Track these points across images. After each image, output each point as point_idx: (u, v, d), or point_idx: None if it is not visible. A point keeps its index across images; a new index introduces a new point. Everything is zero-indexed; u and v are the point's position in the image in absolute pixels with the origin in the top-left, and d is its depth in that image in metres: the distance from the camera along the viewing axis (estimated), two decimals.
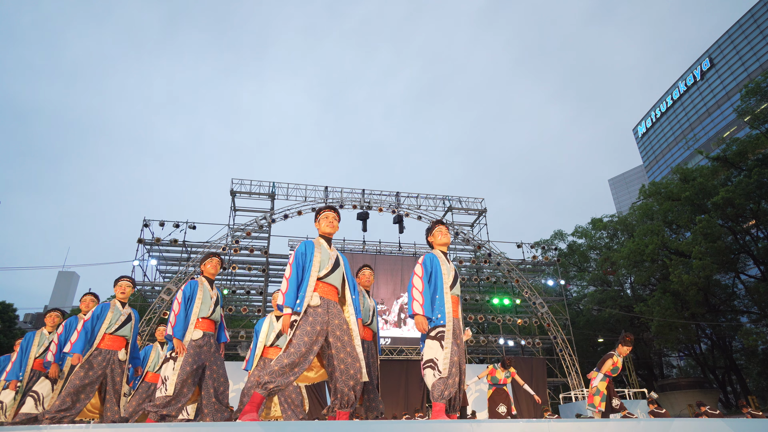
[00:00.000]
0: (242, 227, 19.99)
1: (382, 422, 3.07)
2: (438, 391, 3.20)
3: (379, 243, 21.79)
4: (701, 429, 3.00)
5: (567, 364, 20.21)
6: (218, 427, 2.62)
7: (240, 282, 22.80)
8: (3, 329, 24.09)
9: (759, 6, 51.15)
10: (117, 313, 4.68)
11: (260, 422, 2.61)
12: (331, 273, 3.47)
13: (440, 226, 3.87)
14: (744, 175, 23.64)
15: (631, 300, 30.18)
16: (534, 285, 22.99)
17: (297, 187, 21.59)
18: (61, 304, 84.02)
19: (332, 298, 3.41)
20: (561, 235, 35.88)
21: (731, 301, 27.21)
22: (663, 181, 32.83)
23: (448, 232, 3.90)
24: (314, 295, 3.30)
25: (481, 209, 23.30)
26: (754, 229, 24.99)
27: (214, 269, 4.40)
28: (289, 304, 3.26)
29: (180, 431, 2.75)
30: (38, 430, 2.78)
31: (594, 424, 2.84)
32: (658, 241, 25.08)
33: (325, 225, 3.67)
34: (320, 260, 3.46)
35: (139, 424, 3.36)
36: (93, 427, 3.09)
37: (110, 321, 4.60)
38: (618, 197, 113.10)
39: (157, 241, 19.10)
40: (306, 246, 3.53)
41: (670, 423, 2.81)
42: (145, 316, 17.91)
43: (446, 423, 2.71)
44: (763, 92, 25.20)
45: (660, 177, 55.19)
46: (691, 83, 60.98)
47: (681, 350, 30.61)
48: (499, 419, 5.52)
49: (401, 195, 22.52)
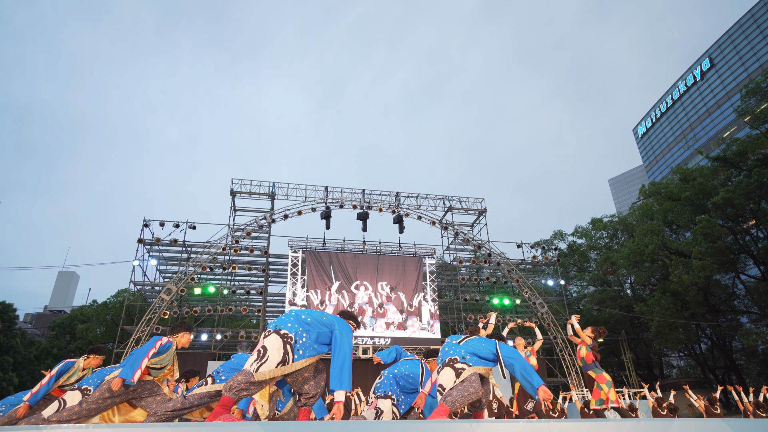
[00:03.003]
0: (242, 227, 19.99)
1: (382, 422, 3.07)
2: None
3: (379, 243, 21.80)
4: (701, 429, 2.99)
5: (567, 364, 20.22)
6: (218, 427, 2.62)
7: (240, 282, 22.80)
8: (3, 329, 24.08)
9: (759, 6, 51.15)
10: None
11: (260, 422, 2.61)
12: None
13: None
14: (744, 175, 23.65)
15: (631, 300, 30.19)
16: (534, 285, 23.00)
17: (297, 187, 21.60)
18: (61, 304, 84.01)
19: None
20: (561, 235, 35.90)
21: (731, 301, 27.22)
22: (663, 181, 32.85)
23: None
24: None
25: (481, 209, 23.31)
26: (754, 229, 25.00)
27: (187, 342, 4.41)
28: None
29: (180, 431, 2.75)
30: (38, 430, 2.77)
31: (594, 424, 2.84)
32: (658, 241, 25.08)
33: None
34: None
35: (140, 424, 3.36)
36: (93, 427, 3.09)
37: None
38: (618, 197, 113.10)
39: (157, 241, 19.10)
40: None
41: (670, 423, 2.81)
42: (145, 316, 17.91)
43: (446, 423, 2.71)
44: (763, 92, 25.22)
45: (660, 177, 55.20)
46: (691, 83, 60.98)
47: (681, 350, 30.62)
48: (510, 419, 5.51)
49: (401, 195, 22.53)
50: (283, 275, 21.35)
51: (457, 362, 3.68)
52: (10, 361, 23.65)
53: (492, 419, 4.87)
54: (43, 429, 2.77)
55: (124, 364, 3.87)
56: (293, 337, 3.23)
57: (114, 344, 20.64)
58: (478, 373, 3.67)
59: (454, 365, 3.67)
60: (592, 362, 6.17)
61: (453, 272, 23.73)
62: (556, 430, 2.61)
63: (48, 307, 76.05)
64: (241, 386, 3.03)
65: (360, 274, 20.40)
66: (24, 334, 27.34)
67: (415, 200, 22.56)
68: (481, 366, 3.70)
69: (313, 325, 3.36)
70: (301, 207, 20.81)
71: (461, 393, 3.44)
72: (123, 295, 25.85)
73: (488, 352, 3.75)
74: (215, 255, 19.39)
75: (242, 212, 21.71)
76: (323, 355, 3.43)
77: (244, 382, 3.04)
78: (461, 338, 4.01)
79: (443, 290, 25.45)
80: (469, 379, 3.56)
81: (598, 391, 6.04)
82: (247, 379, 3.05)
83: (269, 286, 21.74)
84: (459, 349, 3.82)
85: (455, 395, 3.42)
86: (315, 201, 21.17)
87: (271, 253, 20.73)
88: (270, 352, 3.15)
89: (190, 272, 18.83)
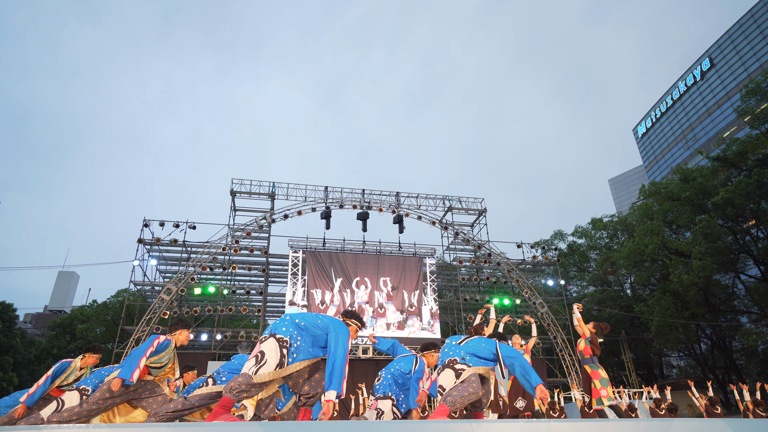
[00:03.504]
0: (242, 227, 19.98)
1: (382, 422, 3.07)
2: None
3: (379, 243, 21.80)
4: (701, 429, 3.00)
5: (567, 364, 20.21)
6: (218, 427, 2.63)
7: (240, 282, 22.80)
8: (3, 329, 24.08)
9: (759, 6, 51.13)
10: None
11: (261, 422, 2.61)
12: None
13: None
14: (744, 175, 23.65)
15: (631, 300, 30.18)
16: (534, 285, 22.99)
17: (297, 187, 21.60)
18: (61, 304, 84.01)
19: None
20: (561, 235, 35.90)
21: (731, 301, 27.21)
22: (663, 181, 32.85)
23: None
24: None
25: (481, 209, 23.30)
26: (754, 229, 24.99)
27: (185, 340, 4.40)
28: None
29: (180, 431, 2.75)
30: (38, 430, 2.77)
31: (594, 424, 2.84)
32: (658, 241, 25.08)
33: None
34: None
35: (140, 424, 3.36)
36: (93, 427, 3.09)
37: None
38: (618, 197, 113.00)
39: (157, 241, 19.10)
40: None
41: (670, 423, 2.81)
42: (145, 316, 17.91)
43: (446, 423, 2.71)
44: (763, 92, 25.21)
45: (660, 177, 55.17)
46: (691, 83, 60.96)
47: (681, 350, 30.62)
48: (510, 419, 5.50)
49: (401, 195, 22.52)
50: (283, 275, 21.35)
51: (457, 363, 3.72)
52: (10, 361, 23.65)
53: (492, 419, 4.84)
54: (43, 429, 2.78)
55: (123, 364, 3.87)
56: (288, 340, 3.34)
57: (114, 344, 20.64)
58: (478, 373, 3.70)
59: (454, 366, 3.71)
60: (589, 357, 6.09)
61: (453, 272, 23.73)
62: (556, 430, 2.61)
63: (48, 307, 76.05)
64: (241, 387, 3.13)
65: (360, 273, 20.40)
66: (24, 334, 27.33)
67: (415, 200, 22.57)
68: (481, 366, 3.73)
69: (307, 329, 3.43)
70: (301, 207, 20.81)
71: (461, 393, 3.47)
72: (123, 295, 25.85)
73: (488, 352, 3.77)
74: (215, 255, 19.39)
75: (242, 212, 21.71)
76: (320, 358, 3.49)
77: (245, 383, 3.15)
78: (461, 339, 4.03)
79: (443, 290, 25.45)
80: (469, 380, 3.59)
81: (597, 390, 6.00)
82: (247, 381, 3.16)
83: (269, 286, 21.75)
84: (459, 350, 3.84)
85: (455, 395, 3.45)
86: (315, 201, 21.17)
87: (271, 253, 20.73)
88: (268, 356, 3.26)
89: (190, 272, 18.83)
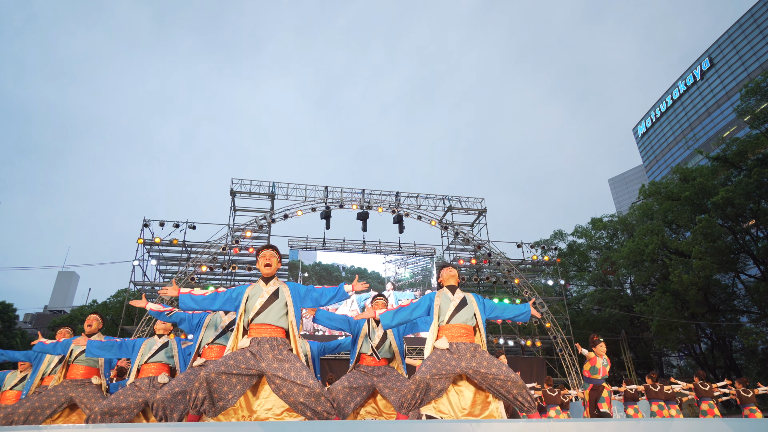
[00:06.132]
0: (242, 227, 19.98)
1: (382, 422, 3.07)
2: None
3: (379, 243, 21.79)
4: (701, 429, 2.99)
5: (567, 364, 20.21)
6: (218, 427, 2.62)
7: (240, 282, 22.79)
8: (3, 329, 24.08)
9: (759, 6, 51.12)
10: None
11: (260, 422, 2.61)
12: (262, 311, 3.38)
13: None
14: (744, 174, 23.65)
15: (631, 300, 30.19)
16: (534, 285, 22.99)
17: (297, 187, 21.59)
18: (61, 304, 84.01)
19: (269, 335, 3.30)
20: (561, 235, 35.88)
21: (731, 300, 27.21)
22: (663, 181, 32.84)
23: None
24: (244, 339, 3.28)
25: (481, 209, 23.30)
26: (754, 229, 24.99)
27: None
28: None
29: (180, 431, 2.75)
30: (38, 429, 2.78)
31: (594, 424, 2.84)
32: (658, 241, 25.08)
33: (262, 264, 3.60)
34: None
35: (139, 424, 3.36)
36: (93, 427, 3.09)
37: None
38: (618, 197, 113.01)
39: (157, 242, 19.10)
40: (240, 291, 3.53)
41: (670, 423, 2.81)
42: (145, 316, 17.90)
43: (446, 423, 2.71)
44: (763, 92, 25.21)
45: (660, 177, 55.17)
46: (691, 83, 60.94)
47: (681, 350, 30.62)
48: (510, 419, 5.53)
49: (401, 195, 22.52)
50: (284, 275, 21.34)
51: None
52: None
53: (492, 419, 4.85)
54: (43, 429, 2.78)
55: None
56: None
57: None
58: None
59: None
60: (597, 376, 6.18)
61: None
62: (556, 429, 2.61)
63: (48, 307, 75.97)
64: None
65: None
66: (24, 334, 27.33)
67: (414, 200, 22.56)
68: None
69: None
70: (301, 207, 20.80)
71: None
72: (123, 295, 25.84)
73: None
74: (215, 255, 19.38)
75: (242, 212, 21.70)
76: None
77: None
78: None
79: None
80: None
81: (602, 405, 6.04)
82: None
83: None
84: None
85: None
86: (315, 201, 21.16)
87: None
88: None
89: (190, 272, 18.83)
